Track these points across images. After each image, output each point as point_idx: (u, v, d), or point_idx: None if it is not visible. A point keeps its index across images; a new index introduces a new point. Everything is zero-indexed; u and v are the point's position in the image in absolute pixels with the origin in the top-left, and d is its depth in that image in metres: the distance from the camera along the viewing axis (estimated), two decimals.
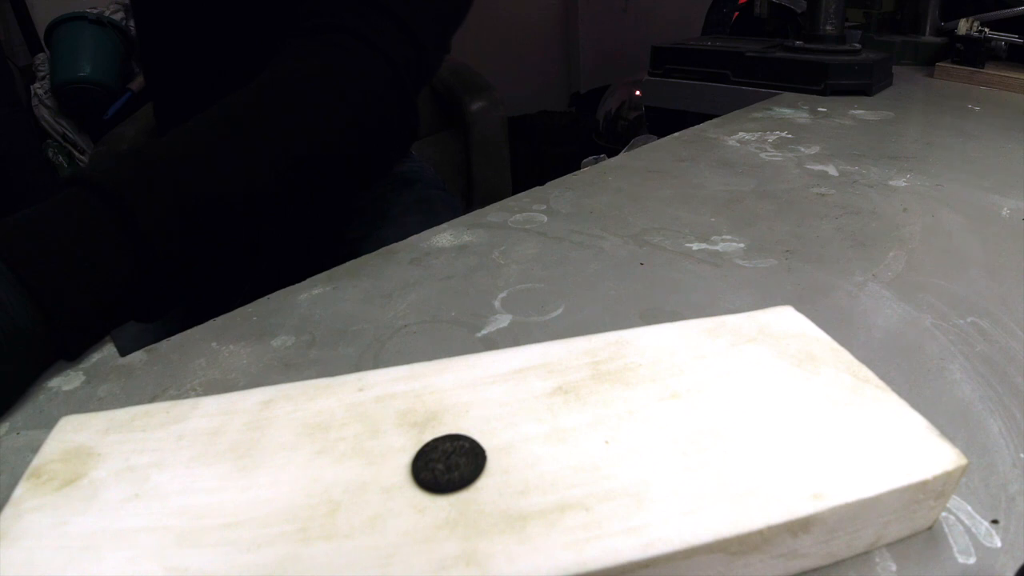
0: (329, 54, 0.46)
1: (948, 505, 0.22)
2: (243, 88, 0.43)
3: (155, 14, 0.59)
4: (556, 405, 0.23)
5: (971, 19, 0.90)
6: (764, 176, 0.54)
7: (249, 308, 0.36)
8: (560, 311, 0.35)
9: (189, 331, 0.34)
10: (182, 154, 0.37)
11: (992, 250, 0.40)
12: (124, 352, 0.33)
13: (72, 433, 0.22)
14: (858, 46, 0.86)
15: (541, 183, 0.53)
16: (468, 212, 0.48)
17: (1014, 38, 0.88)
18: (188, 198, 0.35)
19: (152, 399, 0.29)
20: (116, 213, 0.33)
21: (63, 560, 0.17)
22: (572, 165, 0.81)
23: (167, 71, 0.62)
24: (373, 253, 0.42)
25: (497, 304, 0.35)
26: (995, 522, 0.21)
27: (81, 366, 0.32)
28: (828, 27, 0.86)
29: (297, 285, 0.38)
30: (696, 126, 0.69)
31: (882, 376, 0.24)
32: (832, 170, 0.55)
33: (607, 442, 0.21)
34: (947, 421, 0.26)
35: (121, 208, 0.33)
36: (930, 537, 0.21)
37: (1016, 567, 0.20)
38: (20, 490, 0.20)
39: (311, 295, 0.37)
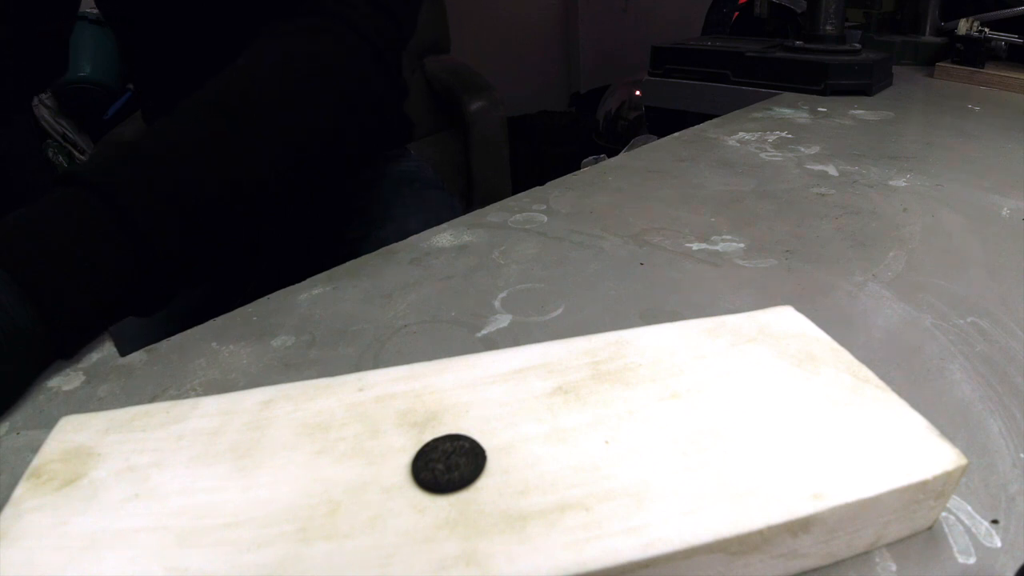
0: (320, 43, 0.45)
1: (948, 505, 0.22)
2: (233, 70, 0.42)
3: (138, 15, 0.59)
4: (556, 405, 0.23)
5: (971, 19, 0.90)
6: (764, 176, 0.54)
7: (249, 308, 0.36)
8: (560, 311, 0.35)
9: (189, 331, 0.34)
10: (182, 153, 0.37)
11: (992, 250, 0.40)
12: (124, 352, 0.33)
13: (72, 433, 0.22)
14: (858, 46, 0.86)
15: (541, 183, 0.53)
16: (468, 212, 0.48)
17: (1014, 38, 0.88)
18: (187, 197, 0.35)
19: (152, 399, 0.29)
20: (115, 213, 0.33)
21: (63, 560, 0.17)
22: (572, 165, 0.81)
23: (154, 71, 0.62)
24: (373, 253, 0.42)
25: (497, 304, 0.35)
26: (995, 522, 0.21)
27: (81, 366, 0.32)
28: (828, 27, 0.86)
29: (297, 285, 0.38)
30: (696, 126, 0.69)
31: (882, 376, 0.24)
32: (832, 170, 0.55)
33: (607, 442, 0.21)
34: (947, 421, 0.26)
35: (120, 208, 0.33)
36: (930, 537, 0.21)
37: (1016, 567, 0.20)
38: (20, 490, 0.20)
39: (311, 295, 0.37)
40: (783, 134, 0.65)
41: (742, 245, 0.41)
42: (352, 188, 0.65)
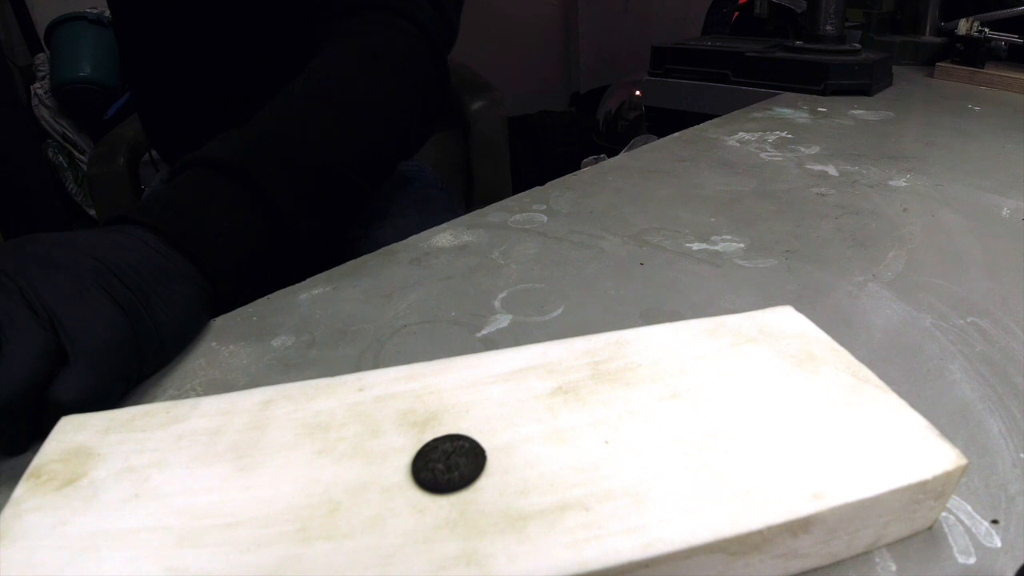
0: (398, 40, 0.49)
1: (948, 505, 0.22)
2: (327, 65, 0.46)
3: (149, 19, 0.59)
4: (556, 405, 0.23)
5: (971, 19, 0.90)
6: (764, 176, 0.54)
7: (249, 308, 0.36)
8: (560, 311, 0.35)
9: None
10: (307, 139, 0.41)
11: (992, 250, 0.40)
12: None
13: (72, 433, 0.22)
14: (858, 46, 0.86)
15: (541, 183, 0.53)
16: (468, 212, 0.48)
17: (1014, 38, 0.88)
18: (314, 178, 0.40)
19: (152, 399, 0.29)
20: (257, 194, 0.36)
21: (63, 560, 0.17)
22: (572, 165, 0.81)
23: (154, 72, 0.61)
24: (373, 253, 0.42)
25: (497, 304, 0.35)
26: (995, 522, 0.21)
27: None
28: (828, 27, 0.86)
29: (297, 285, 0.38)
30: (696, 126, 0.69)
31: (882, 376, 0.24)
32: (832, 170, 0.55)
33: (607, 442, 0.21)
34: (947, 421, 0.26)
35: (262, 190, 0.36)
36: (930, 537, 0.21)
37: (1016, 567, 0.20)
38: (20, 490, 0.20)
39: (311, 295, 0.37)
40: (783, 134, 0.65)
41: (742, 245, 0.41)
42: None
